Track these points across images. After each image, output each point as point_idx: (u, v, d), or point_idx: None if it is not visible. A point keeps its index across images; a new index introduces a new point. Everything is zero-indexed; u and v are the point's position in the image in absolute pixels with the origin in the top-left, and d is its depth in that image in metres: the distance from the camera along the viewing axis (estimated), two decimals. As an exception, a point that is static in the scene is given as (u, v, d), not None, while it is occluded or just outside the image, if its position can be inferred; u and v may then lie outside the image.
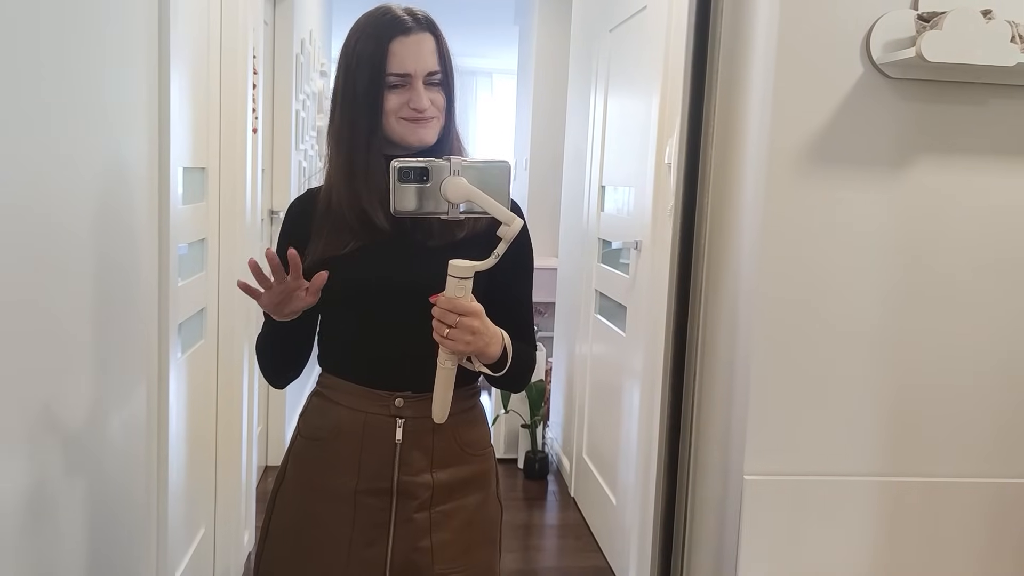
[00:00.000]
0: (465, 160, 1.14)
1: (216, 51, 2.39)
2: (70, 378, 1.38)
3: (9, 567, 1.17)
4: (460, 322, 1.14)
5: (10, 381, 1.16)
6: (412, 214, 1.16)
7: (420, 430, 1.28)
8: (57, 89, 1.28)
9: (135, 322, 1.69)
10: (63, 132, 1.31)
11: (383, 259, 1.27)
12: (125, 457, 1.66)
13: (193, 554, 2.32)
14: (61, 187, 1.31)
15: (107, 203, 1.50)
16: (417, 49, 1.24)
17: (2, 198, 1.12)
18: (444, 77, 1.27)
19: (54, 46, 1.26)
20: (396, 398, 1.28)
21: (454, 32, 1.36)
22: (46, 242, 1.27)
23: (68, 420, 1.38)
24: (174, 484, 1.97)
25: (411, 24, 1.25)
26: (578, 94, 3.59)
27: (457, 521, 1.31)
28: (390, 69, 1.23)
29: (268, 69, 3.36)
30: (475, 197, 1.13)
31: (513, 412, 3.61)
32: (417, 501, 1.29)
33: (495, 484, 1.39)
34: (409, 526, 1.29)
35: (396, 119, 1.25)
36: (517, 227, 1.14)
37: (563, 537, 3.07)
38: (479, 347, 1.17)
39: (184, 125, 1.99)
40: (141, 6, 1.63)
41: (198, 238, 2.29)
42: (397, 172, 1.13)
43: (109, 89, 1.49)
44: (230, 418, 2.58)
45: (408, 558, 1.29)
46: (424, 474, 1.29)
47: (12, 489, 1.18)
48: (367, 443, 1.29)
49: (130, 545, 1.72)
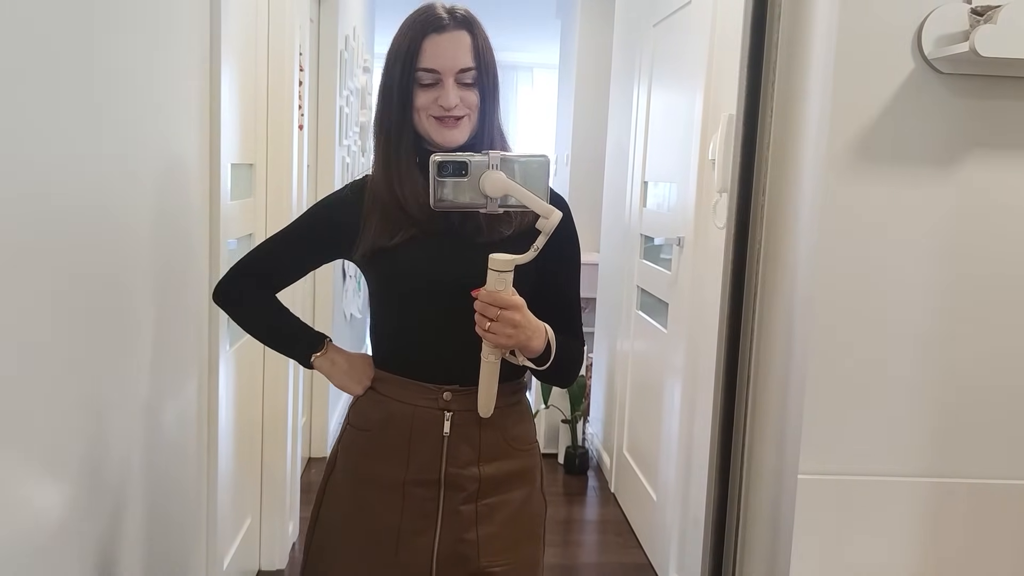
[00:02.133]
0: (504, 154, 1.16)
1: (264, 49, 2.43)
2: (130, 368, 1.41)
3: (73, 550, 1.21)
4: (501, 316, 1.16)
5: (76, 369, 1.20)
6: (451, 207, 1.17)
7: (467, 423, 1.30)
8: (117, 91, 1.31)
9: (188, 315, 1.73)
10: (124, 133, 1.34)
11: (433, 254, 1.28)
12: (177, 448, 1.70)
13: (240, 543, 2.37)
14: (122, 184, 1.34)
15: (163, 199, 1.54)
16: (450, 46, 1.25)
17: (70, 195, 1.15)
18: (480, 75, 1.27)
19: (112, 51, 1.30)
20: (444, 391, 1.30)
21: (495, 26, 1.37)
22: (110, 235, 1.30)
23: (127, 408, 1.42)
24: (223, 475, 2.02)
25: (447, 22, 1.26)
26: (621, 89, 3.58)
27: (502, 515, 1.33)
28: (420, 64, 1.24)
29: (313, 66, 3.40)
30: (513, 191, 1.15)
31: (554, 407, 3.62)
32: (464, 493, 1.31)
33: (540, 480, 1.41)
34: (456, 518, 1.30)
35: (426, 116, 1.27)
36: (556, 220, 1.15)
37: (603, 533, 3.08)
38: (521, 340, 1.19)
39: (233, 123, 2.03)
40: (194, 7, 1.66)
41: (246, 233, 2.33)
42: (436, 166, 1.15)
43: (163, 89, 1.52)
44: (275, 410, 2.62)
45: (454, 549, 1.31)
46: (471, 467, 1.31)
47: (75, 475, 1.22)
48: (416, 435, 1.31)
49: (182, 533, 1.77)
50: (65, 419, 1.19)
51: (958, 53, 1.55)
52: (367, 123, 4.70)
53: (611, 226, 3.71)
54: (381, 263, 1.28)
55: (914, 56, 1.63)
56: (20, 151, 1.03)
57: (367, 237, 1.30)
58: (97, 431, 1.30)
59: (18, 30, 1.01)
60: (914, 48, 1.63)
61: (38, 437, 1.11)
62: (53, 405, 1.15)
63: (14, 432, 1.04)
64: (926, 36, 1.61)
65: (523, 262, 1.16)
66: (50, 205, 1.12)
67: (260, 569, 2.64)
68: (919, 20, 1.62)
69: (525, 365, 1.26)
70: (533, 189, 1.15)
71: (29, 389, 1.08)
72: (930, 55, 1.62)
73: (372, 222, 1.30)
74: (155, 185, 1.50)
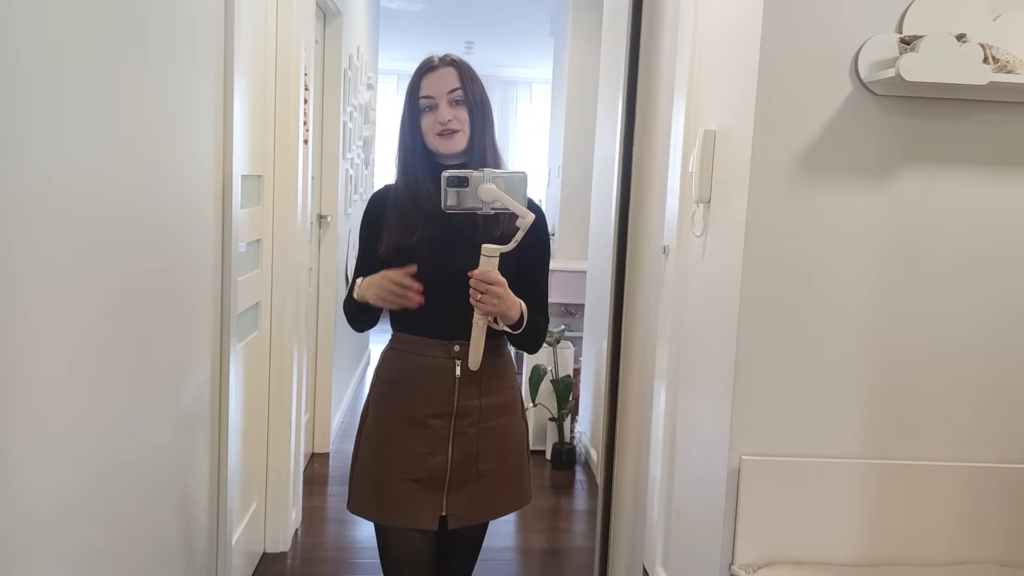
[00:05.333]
0: (494, 172, 1.57)
1: (272, 70, 2.64)
2: (151, 357, 1.61)
3: (87, 526, 1.40)
4: (489, 290, 1.58)
5: (103, 355, 1.39)
6: (456, 209, 1.57)
7: (472, 369, 1.68)
8: (147, 105, 1.52)
9: (202, 310, 1.92)
10: (150, 147, 1.55)
11: (445, 248, 1.67)
12: (192, 428, 1.89)
13: (247, 525, 2.56)
14: (147, 191, 1.54)
15: (183, 206, 1.74)
16: (440, 79, 1.69)
17: (111, 204, 1.35)
18: (466, 94, 1.69)
19: (143, 69, 1.50)
20: (455, 345, 1.70)
21: (495, 44, 1.69)
22: (134, 236, 1.50)
23: (149, 391, 1.61)
24: (232, 458, 2.21)
25: (436, 63, 1.71)
26: (607, 105, 3.78)
27: (495, 434, 1.75)
28: (420, 93, 1.70)
29: (318, 83, 3.61)
30: (500, 198, 1.56)
31: (541, 406, 3.80)
32: (469, 419, 1.72)
33: (521, 408, 1.84)
34: (463, 438, 1.72)
35: (432, 136, 1.70)
36: (529, 220, 1.56)
37: (590, 522, 3.25)
38: (502, 310, 1.61)
39: (243, 137, 2.23)
40: (209, 28, 1.87)
41: (254, 238, 2.53)
42: (446, 179, 1.56)
43: (183, 106, 1.72)
44: (281, 405, 2.81)
45: (462, 460, 1.72)
46: (474, 400, 1.72)
47: (93, 453, 1.41)
48: (434, 379, 1.72)
49: (193, 510, 1.95)
50: (93, 400, 1.38)
51: (888, 77, 1.75)
52: (370, 137, 4.91)
53: (599, 235, 3.91)
54: (405, 257, 1.64)
55: (852, 79, 1.83)
56: (78, 165, 1.23)
57: (389, 237, 1.69)
58: (121, 412, 1.49)
59: (66, 57, 1.21)
60: (852, 72, 1.83)
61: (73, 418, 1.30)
62: (92, 390, 1.34)
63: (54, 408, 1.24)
64: (862, 61, 1.82)
65: (506, 251, 1.58)
66: (99, 213, 1.31)
67: (265, 551, 2.83)
68: (856, 47, 1.82)
69: (504, 330, 1.68)
70: (514, 196, 1.57)
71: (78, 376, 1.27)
72: (866, 78, 1.82)
73: (393, 224, 1.70)
74: (177, 193, 1.70)
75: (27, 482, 1.16)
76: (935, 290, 1.88)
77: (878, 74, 1.78)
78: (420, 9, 6.23)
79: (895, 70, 1.71)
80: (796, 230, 1.86)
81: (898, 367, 1.90)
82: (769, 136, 1.83)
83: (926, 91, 1.79)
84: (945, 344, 1.90)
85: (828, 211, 1.86)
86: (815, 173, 1.85)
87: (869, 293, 1.88)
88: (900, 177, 1.85)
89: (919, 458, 1.94)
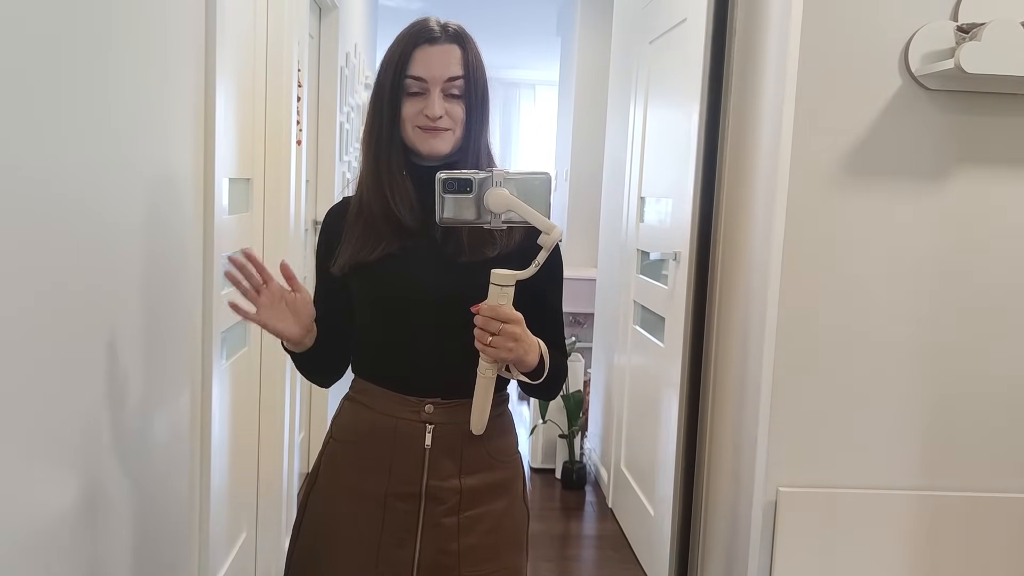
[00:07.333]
0: (507, 172, 1.16)
1: (262, 65, 2.45)
2: (119, 380, 1.43)
3: (65, 566, 1.22)
4: (503, 329, 1.16)
5: (64, 381, 1.21)
6: (456, 223, 1.18)
7: (449, 436, 1.30)
8: (107, 101, 1.33)
9: (180, 327, 1.74)
10: (116, 144, 1.36)
11: (413, 268, 1.29)
12: (170, 460, 1.71)
13: (235, 556, 2.37)
14: (111, 194, 1.36)
15: (155, 211, 1.56)
16: (440, 57, 1.26)
17: (58, 202, 1.17)
18: (467, 87, 1.27)
19: (103, 60, 1.32)
20: (426, 404, 1.30)
21: (497, 44, 1.40)
22: (98, 247, 1.32)
23: (117, 422, 1.43)
24: (216, 488, 2.02)
25: (439, 34, 1.27)
26: (618, 106, 3.60)
27: (484, 525, 1.32)
28: (409, 72, 1.26)
29: (313, 81, 3.43)
30: (516, 207, 1.15)
31: (551, 422, 3.62)
32: (445, 506, 1.30)
33: (522, 489, 1.40)
34: (437, 530, 1.30)
35: (412, 127, 1.27)
36: (557, 235, 1.15)
37: (601, 548, 3.07)
38: (519, 355, 1.19)
39: (230, 137, 2.05)
40: (188, 18, 1.69)
41: (243, 247, 2.35)
42: (442, 183, 1.16)
43: (156, 102, 1.54)
44: (272, 425, 2.63)
45: (436, 560, 1.30)
46: (452, 479, 1.30)
47: (64, 490, 1.23)
48: (398, 447, 1.31)
49: (174, 547, 1.77)
50: (54, 429, 1.20)
51: (944, 70, 1.57)
52: (365, 137, 4.73)
53: (608, 241, 3.73)
54: (361, 276, 1.29)
55: (901, 72, 1.65)
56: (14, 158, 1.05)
57: (346, 250, 1.31)
58: (86, 442, 1.31)
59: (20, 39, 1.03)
60: (901, 65, 1.65)
61: (28, 448, 1.12)
62: (45, 415, 1.16)
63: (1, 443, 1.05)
64: (913, 53, 1.64)
65: (524, 277, 1.16)
66: (43, 212, 1.13)
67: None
68: (906, 38, 1.64)
69: (519, 380, 1.25)
70: (535, 205, 1.15)
71: (19, 400, 1.09)
72: (917, 72, 1.64)
73: (354, 234, 1.31)
74: (147, 197, 1.52)
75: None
76: (994, 307, 1.70)
77: (932, 67, 1.61)
78: (419, 7, 6.07)
79: (954, 61, 1.53)
80: (837, 241, 1.68)
81: (952, 392, 1.72)
82: (809, 138, 1.65)
83: (987, 85, 1.62)
84: (1003, 367, 1.72)
85: (873, 221, 1.68)
86: (859, 177, 1.67)
87: (917, 307, 1.70)
88: (956, 181, 1.67)
89: (974, 489, 1.76)
